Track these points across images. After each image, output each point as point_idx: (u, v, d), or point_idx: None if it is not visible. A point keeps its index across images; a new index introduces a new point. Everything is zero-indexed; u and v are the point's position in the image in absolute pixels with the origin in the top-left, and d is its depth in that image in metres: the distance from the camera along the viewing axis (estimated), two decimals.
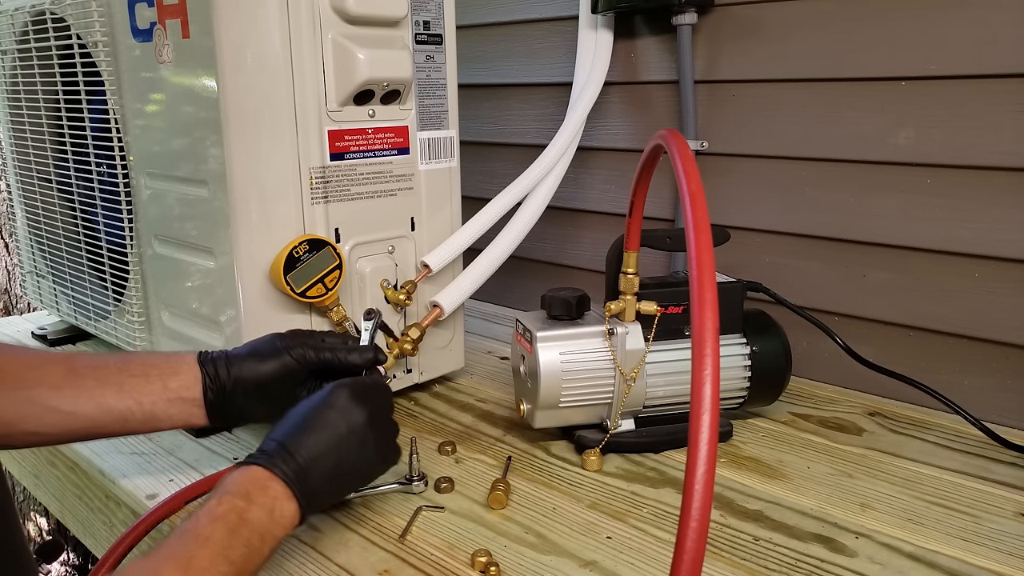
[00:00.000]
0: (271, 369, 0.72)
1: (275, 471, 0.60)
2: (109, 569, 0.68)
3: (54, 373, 0.67)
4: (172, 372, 0.70)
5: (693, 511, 0.40)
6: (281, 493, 0.59)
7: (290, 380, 0.73)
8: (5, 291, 2.25)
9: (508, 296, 1.42)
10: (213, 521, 0.54)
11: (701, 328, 0.43)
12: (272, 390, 0.72)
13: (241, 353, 0.73)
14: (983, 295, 0.91)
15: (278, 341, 0.74)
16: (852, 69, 0.96)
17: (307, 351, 0.73)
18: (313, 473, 0.62)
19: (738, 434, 0.90)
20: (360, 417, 0.66)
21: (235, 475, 0.60)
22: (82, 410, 0.67)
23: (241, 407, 0.72)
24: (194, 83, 0.84)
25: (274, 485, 0.59)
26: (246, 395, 0.71)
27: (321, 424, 0.64)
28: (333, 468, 0.64)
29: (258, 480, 0.59)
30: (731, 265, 1.05)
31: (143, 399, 0.68)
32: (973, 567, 0.66)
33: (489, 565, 0.65)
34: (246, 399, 0.71)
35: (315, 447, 0.63)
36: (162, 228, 0.95)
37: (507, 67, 1.35)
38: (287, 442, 0.62)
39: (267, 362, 0.72)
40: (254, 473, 0.60)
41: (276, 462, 0.60)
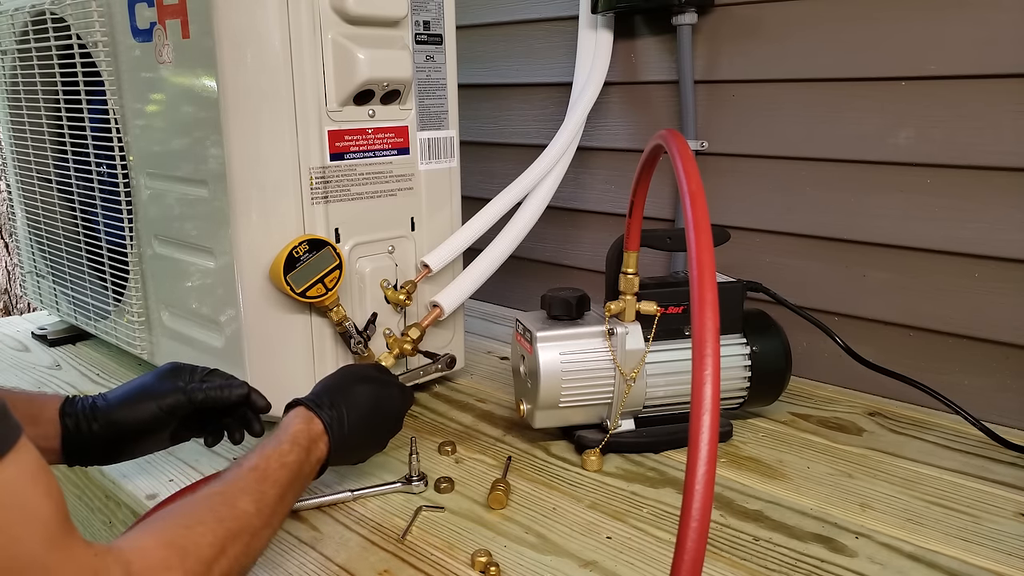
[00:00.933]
0: (141, 419, 0.71)
1: (328, 433, 0.68)
2: None
3: None
4: (32, 420, 0.68)
5: (693, 511, 0.40)
6: (323, 454, 0.68)
7: (161, 427, 0.73)
8: (5, 291, 2.25)
9: (508, 296, 1.42)
10: (282, 467, 0.62)
11: (701, 328, 0.43)
12: (142, 436, 0.73)
13: (111, 401, 0.72)
14: (983, 295, 0.91)
15: (154, 384, 0.73)
16: (852, 69, 0.96)
17: (180, 398, 0.72)
18: (347, 443, 0.70)
19: (738, 434, 0.90)
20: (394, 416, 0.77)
21: (302, 423, 0.67)
22: None
23: (110, 454, 0.72)
24: (194, 83, 0.84)
25: (323, 447, 0.68)
26: (113, 443, 0.71)
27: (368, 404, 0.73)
28: (357, 445, 0.73)
29: (316, 435, 0.67)
30: (731, 265, 1.05)
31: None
32: (973, 567, 0.66)
33: (489, 565, 0.65)
34: (114, 446, 0.72)
35: (357, 424, 0.71)
36: (162, 228, 0.95)
37: (507, 67, 1.35)
38: (343, 406, 0.70)
39: (137, 411, 0.71)
40: (316, 427, 0.68)
41: (334, 426, 0.69)
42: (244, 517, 0.56)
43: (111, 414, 0.71)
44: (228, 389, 0.74)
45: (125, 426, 0.71)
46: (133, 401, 0.72)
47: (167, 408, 0.72)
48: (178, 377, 0.74)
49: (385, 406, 0.75)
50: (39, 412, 0.69)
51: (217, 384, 0.74)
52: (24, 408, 0.68)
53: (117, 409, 0.71)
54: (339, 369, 0.78)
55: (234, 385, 0.75)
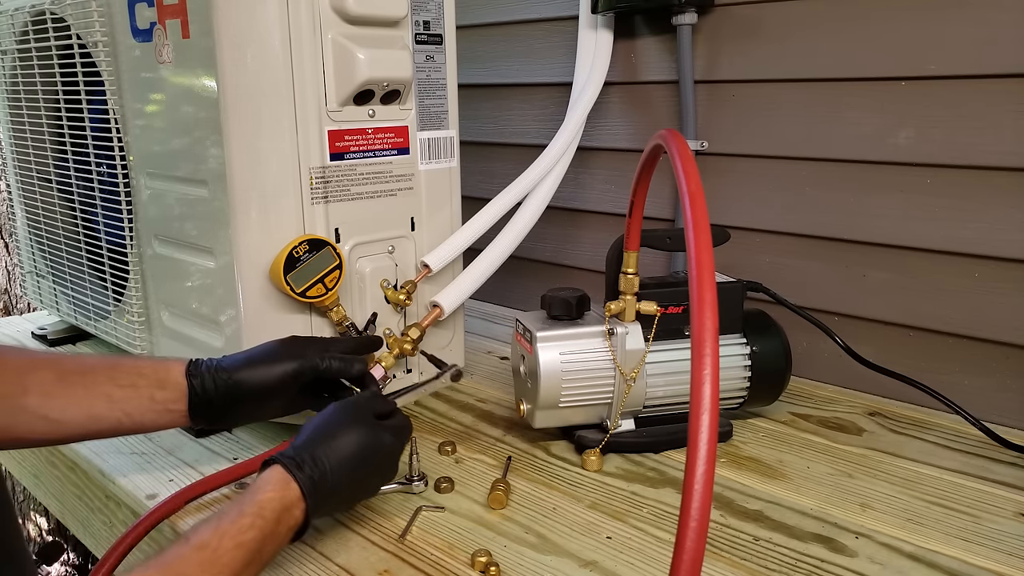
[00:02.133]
0: (264, 381, 0.72)
1: (307, 500, 0.61)
2: (109, 569, 0.68)
3: (43, 379, 0.67)
4: (159, 384, 0.70)
5: (693, 511, 0.40)
6: (296, 522, 0.61)
7: (282, 392, 0.74)
8: (5, 291, 2.25)
9: (508, 296, 1.42)
10: (237, 547, 0.54)
11: (701, 328, 0.43)
12: (265, 399, 0.73)
13: (237, 362, 0.73)
14: (983, 295, 0.91)
15: (280, 350, 0.74)
16: (852, 69, 0.96)
17: (304, 365, 0.74)
18: (331, 500, 0.64)
19: (738, 434, 0.90)
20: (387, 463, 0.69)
21: (274, 491, 0.59)
22: (71, 419, 0.68)
23: (229, 415, 0.73)
24: (194, 83, 0.84)
25: (297, 514, 0.60)
26: (236, 403, 0.72)
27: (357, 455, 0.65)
28: (345, 499, 0.68)
29: (290, 503, 0.60)
30: (731, 265, 1.05)
31: (131, 411, 0.69)
32: (973, 567, 0.66)
33: (489, 565, 0.65)
34: (235, 407, 0.72)
35: (343, 481, 0.64)
36: (162, 228, 0.95)
37: (507, 67, 1.35)
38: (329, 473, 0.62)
39: (261, 373, 0.72)
40: (291, 495, 0.60)
41: (315, 487, 0.61)
42: None
43: (235, 374, 0.72)
44: (350, 363, 0.76)
45: (248, 387, 0.72)
46: (258, 364, 0.73)
47: (292, 373, 0.73)
48: (303, 346, 0.75)
49: (377, 455, 0.67)
50: (165, 376, 0.71)
51: (339, 357, 0.76)
52: (151, 372, 0.71)
53: (242, 370, 0.72)
54: (328, 409, 0.69)
55: (356, 360, 0.77)
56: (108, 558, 0.68)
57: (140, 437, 0.91)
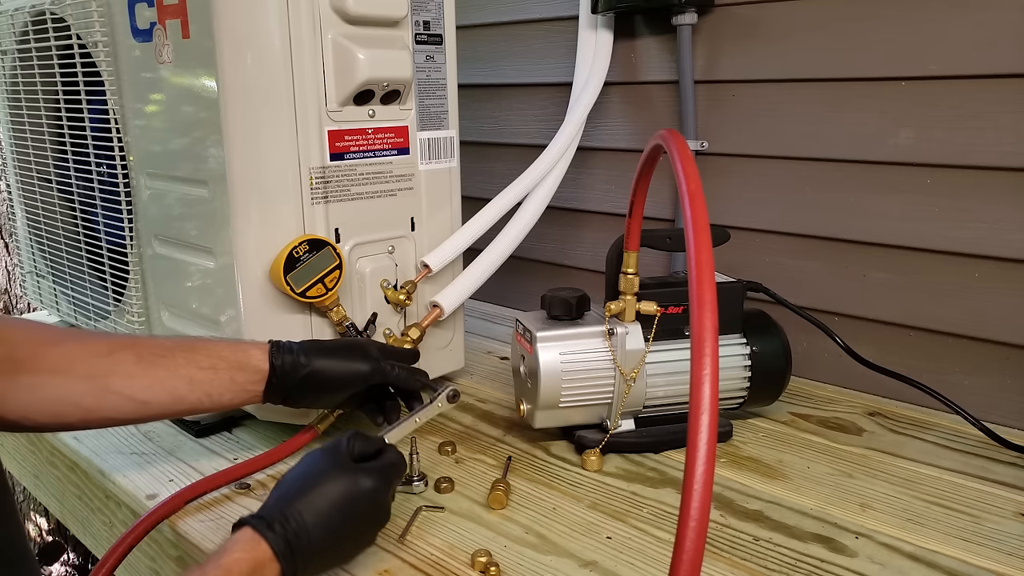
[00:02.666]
0: (341, 374, 0.77)
1: (281, 561, 0.57)
2: (109, 569, 0.68)
3: (125, 360, 0.71)
4: (239, 367, 0.74)
5: (692, 511, 0.40)
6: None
7: (352, 386, 0.79)
8: (5, 291, 2.25)
9: (508, 296, 1.42)
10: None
11: (700, 328, 0.43)
12: (334, 391, 0.79)
13: (314, 351, 0.77)
14: (983, 295, 0.91)
15: (355, 349, 0.79)
16: (852, 69, 0.96)
17: (377, 368, 0.79)
18: (314, 560, 0.60)
19: (738, 434, 0.90)
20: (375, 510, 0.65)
21: (242, 551, 0.56)
22: (156, 399, 0.71)
23: (299, 398, 0.78)
24: (194, 83, 0.84)
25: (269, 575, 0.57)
26: (308, 389, 0.77)
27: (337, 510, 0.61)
28: (332, 557, 0.63)
29: (260, 563, 0.56)
30: (731, 265, 1.05)
31: (212, 391, 0.73)
32: (973, 567, 0.66)
33: (489, 565, 0.65)
34: (307, 392, 0.77)
35: (324, 537, 0.60)
36: (162, 228, 0.95)
37: (507, 67, 1.35)
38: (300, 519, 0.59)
39: (337, 367, 0.77)
40: (261, 555, 0.57)
41: (288, 549, 0.58)
42: None
43: (313, 363, 0.76)
44: (414, 377, 0.82)
45: (322, 377, 0.76)
46: (335, 357, 0.78)
47: (364, 374, 0.78)
48: (374, 350, 0.80)
49: (358, 502, 0.63)
50: (245, 359, 0.75)
51: (407, 368, 0.81)
52: (230, 355, 0.75)
53: (319, 360, 0.77)
54: (301, 461, 0.66)
55: (418, 374, 0.82)
56: (108, 558, 0.68)
57: (140, 437, 0.91)
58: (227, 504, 0.76)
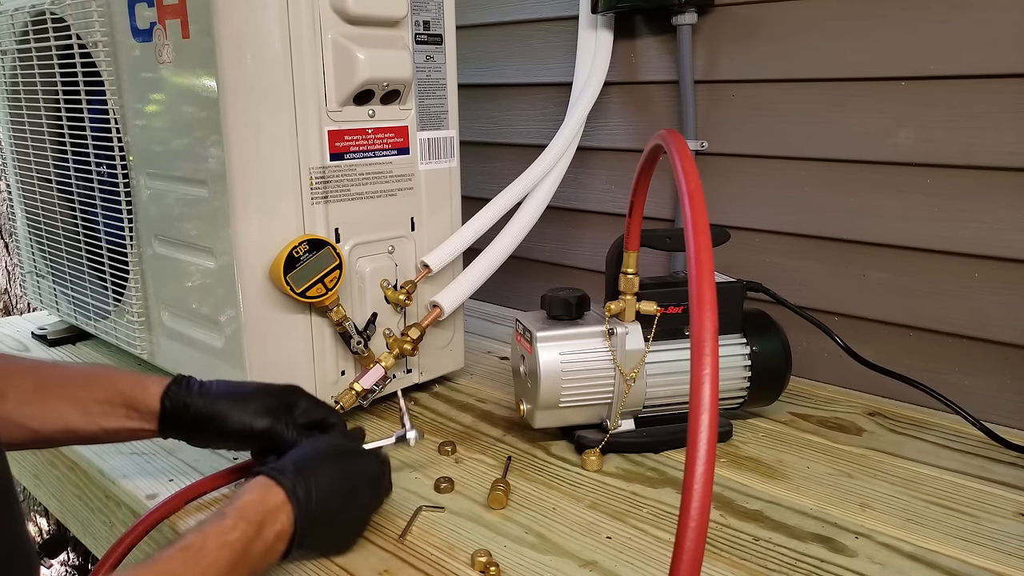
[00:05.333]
0: (235, 425, 0.71)
1: (293, 504, 0.61)
2: (109, 569, 0.68)
3: (23, 387, 0.69)
4: (134, 404, 0.71)
5: (692, 511, 0.40)
6: (285, 529, 0.61)
7: (248, 443, 0.74)
8: (5, 291, 2.25)
9: (508, 296, 1.42)
10: (221, 547, 0.55)
11: (700, 328, 0.43)
12: (229, 440, 0.73)
13: (219, 394, 0.72)
14: (983, 295, 0.91)
15: (262, 400, 0.73)
16: (852, 69, 0.96)
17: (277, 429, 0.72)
18: (318, 522, 0.63)
19: (738, 434, 0.90)
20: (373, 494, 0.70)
21: (256, 494, 0.60)
22: (48, 428, 0.69)
23: (196, 440, 0.73)
24: (194, 83, 0.84)
25: (283, 519, 0.61)
26: (204, 432, 0.72)
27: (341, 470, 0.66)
28: (329, 523, 0.65)
29: (274, 508, 0.60)
30: (731, 265, 1.05)
31: (107, 425, 0.70)
32: (973, 567, 0.66)
33: (489, 565, 0.65)
34: (203, 435, 0.73)
35: (328, 493, 0.64)
36: (162, 228, 0.95)
37: (507, 67, 1.35)
38: (310, 475, 0.63)
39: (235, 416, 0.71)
40: (274, 498, 0.61)
41: (298, 493, 0.61)
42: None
43: (211, 406, 0.71)
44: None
45: (218, 424, 0.71)
46: (233, 406, 0.72)
47: (257, 432, 0.71)
48: (285, 410, 0.73)
49: (360, 471, 0.68)
50: (142, 396, 0.71)
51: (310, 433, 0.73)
52: (128, 390, 0.71)
53: (217, 405, 0.71)
54: (305, 441, 0.71)
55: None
56: (108, 558, 0.68)
57: None
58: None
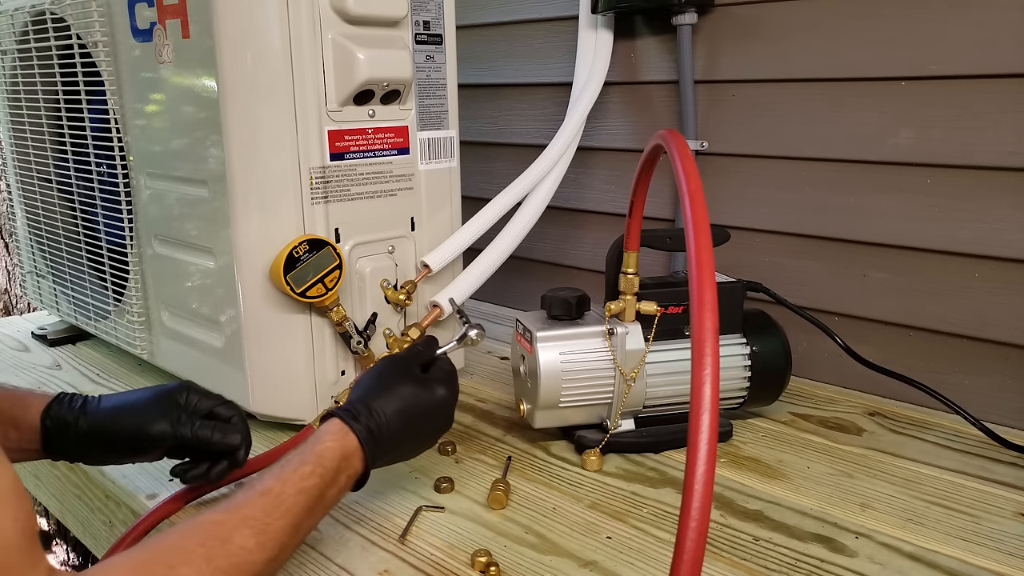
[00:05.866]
0: (124, 436, 0.69)
1: (365, 450, 0.64)
2: None
3: None
4: (14, 424, 0.68)
5: (693, 511, 0.40)
6: (356, 471, 0.64)
7: (144, 449, 0.70)
8: (5, 291, 2.25)
9: (508, 296, 1.42)
10: (299, 493, 0.57)
11: (700, 328, 0.43)
12: (122, 454, 0.71)
13: (102, 408, 0.70)
14: (983, 295, 0.91)
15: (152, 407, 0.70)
16: (852, 69, 0.96)
17: (166, 431, 0.69)
18: (388, 450, 0.67)
19: (738, 434, 0.90)
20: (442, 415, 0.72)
21: (334, 440, 0.63)
22: None
23: (87, 456, 0.71)
24: (194, 83, 0.84)
25: (356, 463, 0.64)
26: (93, 448, 0.70)
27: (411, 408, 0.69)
28: (403, 449, 0.70)
29: (349, 452, 0.63)
30: (731, 265, 1.05)
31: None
32: (973, 567, 0.66)
33: (489, 565, 0.65)
34: (93, 451, 0.70)
35: (399, 432, 0.67)
36: (162, 228, 0.95)
37: (507, 67, 1.35)
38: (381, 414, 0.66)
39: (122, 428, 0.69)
40: (349, 445, 0.63)
41: (371, 441, 0.64)
42: (240, 554, 0.52)
43: (98, 421, 0.69)
44: (222, 439, 0.70)
45: (108, 437, 0.69)
46: (121, 416, 0.70)
47: (152, 436, 0.69)
48: (174, 407, 0.70)
49: (431, 405, 0.70)
50: (23, 415, 0.69)
51: (210, 430, 0.70)
52: (9, 409, 0.69)
53: (104, 418, 0.69)
54: (377, 365, 0.73)
55: (228, 438, 0.71)
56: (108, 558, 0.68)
57: None
58: None
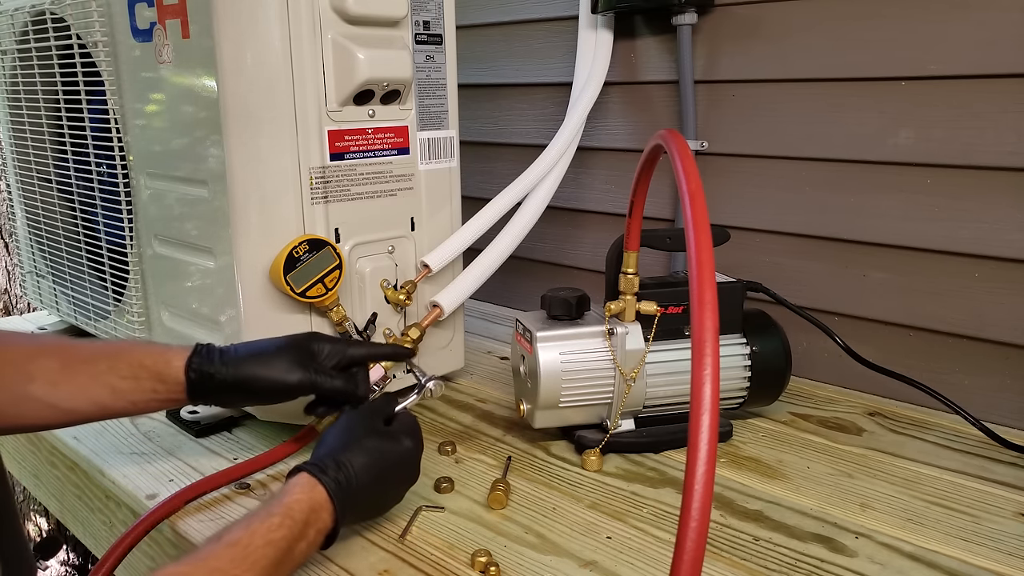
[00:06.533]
0: (266, 385, 0.72)
1: (334, 503, 0.62)
2: (109, 569, 0.68)
3: (49, 367, 0.70)
4: (160, 378, 0.71)
5: (693, 511, 0.40)
6: (326, 525, 0.62)
7: (283, 396, 0.74)
8: (5, 291, 2.25)
9: (508, 296, 1.42)
10: (267, 545, 0.56)
11: (700, 328, 0.43)
12: (262, 399, 0.74)
13: (242, 357, 0.73)
14: (983, 295, 0.91)
15: (289, 354, 0.73)
16: (852, 69, 0.96)
17: (304, 381, 0.72)
18: (357, 504, 0.65)
19: (738, 434, 0.90)
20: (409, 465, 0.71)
21: (302, 493, 0.61)
22: (79, 408, 0.70)
23: (227, 402, 0.76)
24: (194, 83, 0.84)
25: (325, 516, 0.62)
26: (234, 396, 0.74)
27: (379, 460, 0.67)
28: (372, 504, 0.69)
29: (317, 505, 0.62)
30: (731, 265, 1.05)
31: (136, 400, 0.71)
32: (973, 567, 0.66)
33: (489, 565, 0.65)
34: (233, 398, 0.74)
35: (367, 484, 0.66)
36: (162, 228, 0.95)
37: (507, 67, 1.35)
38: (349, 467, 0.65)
39: (263, 376, 0.72)
40: (318, 497, 0.62)
41: (339, 493, 0.63)
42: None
43: (239, 371, 0.72)
44: (352, 392, 0.74)
45: (247, 387, 0.72)
46: (261, 367, 0.72)
47: (292, 386, 0.72)
48: (310, 357, 0.74)
49: (398, 457, 0.70)
50: (166, 368, 0.72)
51: (343, 381, 0.74)
52: (152, 364, 0.72)
53: (246, 369, 0.72)
54: (343, 419, 0.72)
55: (360, 390, 0.75)
56: (108, 558, 0.68)
57: (140, 437, 0.91)
58: (227, 504, 0.76)
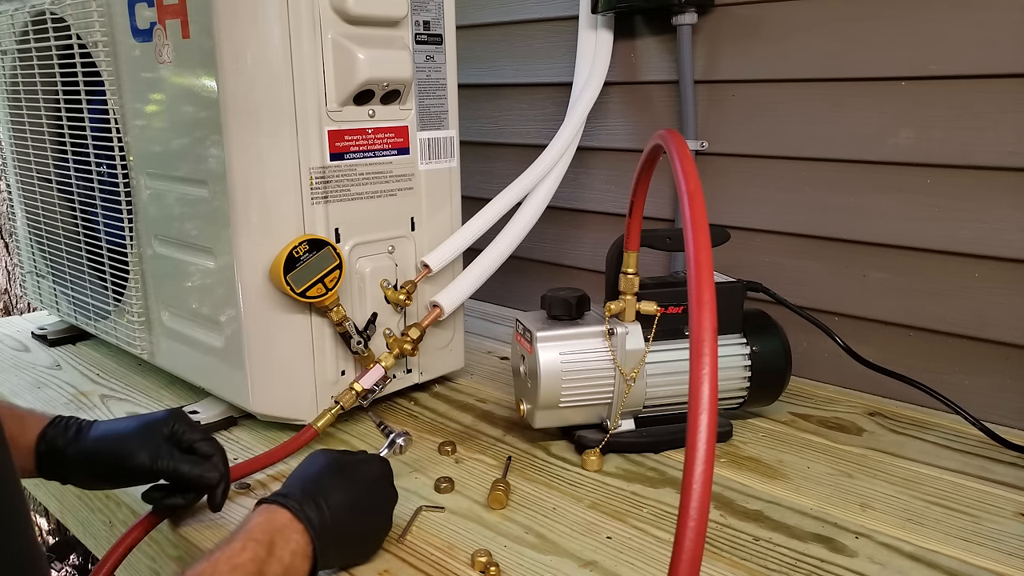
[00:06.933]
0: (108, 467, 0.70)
1: (303, 521, 0.60)
2: (110, 570, 0.68)
3: None
4: (12, 444, 0.67)
5: (691, 511, 0.40)
6: (301, 547, 0.59)
7: (129, 481, 0.71)
8: (5, 291, 2.25)
9: (508, 296, 1.42)
10: (233, 570, 0.54)
11: (699, 328, 0.43)
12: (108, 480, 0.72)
13: (99, 433, 0.71)
14: (983, 295, 0.91)
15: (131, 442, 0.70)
16: (852, 69, 0.96)
17: (146, 465, 0.69)
18: (337, 533, 0.62)
19: (738, 434, 0.90)
20: (384, 493, 0.69)
21: (260, 516, 0.59)
22: None
23: (72, 480, 0.72)
24: (194, 83, 0.84)
25: (296, 536, 0.59)
26: (79, 474, 0.71)
27: (351, 485, 0.65)
28: (349, 533, 0.64)
29: (283, 528, 0.59)
30: (731, 265, 1.05)
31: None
32: (973, 567, 0.66)
33: (489, 565, 0.65)
34: (78, 476, 0.71)
35: (340, 506, 0.62)
36: (162, 228, 0.95)
37: (507, 67, 1.35)
38: (316, 492, 0.62)
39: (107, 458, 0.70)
40: (280, 518, 0.59)
41: (305, 511, 0.60)
42: None
43: (85, 448, 0.70)
44: (200, 476, 0.70)
45: (93, 465, 0.70)
46: (106, 445, 0.70)
47: (132, 468, 0.69)
48: (159, 439, 0.70)
49: (366, 476, 0.67)
50: (20, 435, 0.70)
51: (188, 465, 0.70)
52: (9, 429, 0.67)
53: (91, 446, 0.70)
54: (306, 459, 0.69)
55: (206, 476, 0.70)
56: (108, 558, 0.68)
57: None
58: (227, 504, 0.76)
